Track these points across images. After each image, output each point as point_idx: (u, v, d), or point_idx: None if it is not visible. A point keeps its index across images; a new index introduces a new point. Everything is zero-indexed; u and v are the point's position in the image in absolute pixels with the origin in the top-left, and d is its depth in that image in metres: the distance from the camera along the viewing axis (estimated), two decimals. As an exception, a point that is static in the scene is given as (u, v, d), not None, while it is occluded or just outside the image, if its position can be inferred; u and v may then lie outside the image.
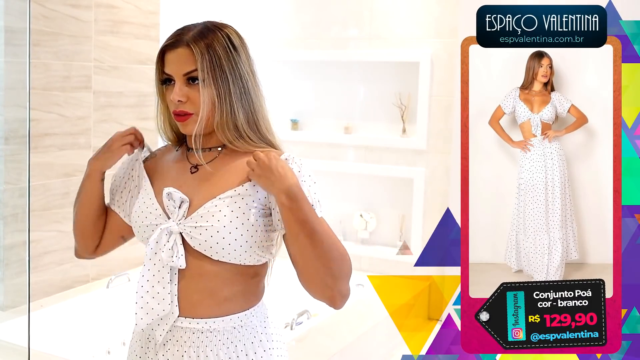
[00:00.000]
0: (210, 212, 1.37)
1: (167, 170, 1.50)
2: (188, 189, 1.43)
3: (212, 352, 1.40)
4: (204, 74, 1.38)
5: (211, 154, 1.46)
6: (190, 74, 1.39)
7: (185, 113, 1.39)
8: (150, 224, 1.43)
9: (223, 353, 1.40)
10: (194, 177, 1.45)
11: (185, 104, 1.39)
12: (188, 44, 1.39)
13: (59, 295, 3.41)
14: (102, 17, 3.58)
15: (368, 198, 4.49)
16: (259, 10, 4.64)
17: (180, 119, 1.41)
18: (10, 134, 3.06)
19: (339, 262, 1.40)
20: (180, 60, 1.39)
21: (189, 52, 1.39)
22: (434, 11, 4.16)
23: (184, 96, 1.39)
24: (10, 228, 3.12)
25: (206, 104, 1.38)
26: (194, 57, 1.38)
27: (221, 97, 1.39)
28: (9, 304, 3.16)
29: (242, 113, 1.41)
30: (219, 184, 1.42)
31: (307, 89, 4.64)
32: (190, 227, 1.37)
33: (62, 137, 3.41)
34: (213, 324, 1.40)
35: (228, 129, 1.41)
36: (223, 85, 1.39)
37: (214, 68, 1.39)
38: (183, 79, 1.39)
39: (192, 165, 1.46)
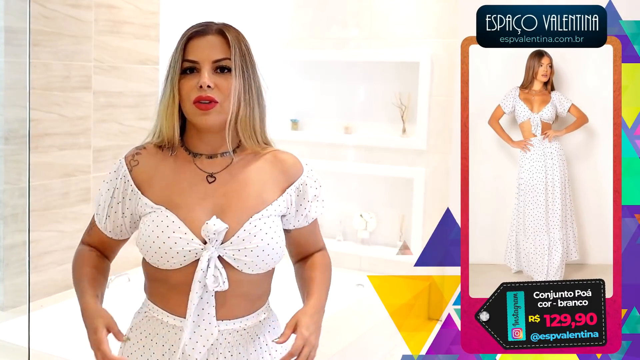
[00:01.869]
0: (251, 233, 1.36)
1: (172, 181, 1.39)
2: (214, 202, 1.38)
3: (243, 348, 1.42)
4: (237, 63, 1.36)
5: (224, 160, 1.41)
6: (221, 62, 1.35)
7: (212, 100, 1.34)
8: (181, 250, 1.34)
9: (251, 347, 1.44)
10: (216, 189, 1.39)
11: (213, 90, 1.34)
12: (220, 31, 1.37)
13: (59, 295, 3.41)
14: (102, 17, 3.58)
15: (368, 198, 4.49)
16: (259, 10, 4.64)
17: (204, 107, 1.34)
18: (10, 134, 3.06)
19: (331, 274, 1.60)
20: (212, 47, 1.36)
21: (221, 39, 1.37)
22: (434, 11, 4.16)
23: (212, 82, 1.34)
24: (10, 228, 3.12)
25: (237, 92, 1.35)
26: (226, 46, 1.36)
27: (246, 90, 1.37)
28: (9, 304, 3.16)
29: (257, 112, 1.41)
30: (248, 196, 1.39)
31: (307, 89, 4.63)
32: (233, 251, 1.36)
33: (62, 137, 3.41)
34: (247, 321, 1.43)
35: (252, 122, 1.40)
36: (248, 78, 1.38)
37: (244, 59, 1.38)
38: (212, 66, 1.35)
39: (207, 174, 1.40)
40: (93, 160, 3.60)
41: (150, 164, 1.41)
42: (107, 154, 3.68)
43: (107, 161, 3.68)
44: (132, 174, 1.41)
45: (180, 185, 1.38)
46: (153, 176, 1.40)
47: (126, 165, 1.42)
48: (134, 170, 1.41)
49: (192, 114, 1.36)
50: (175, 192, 1.38)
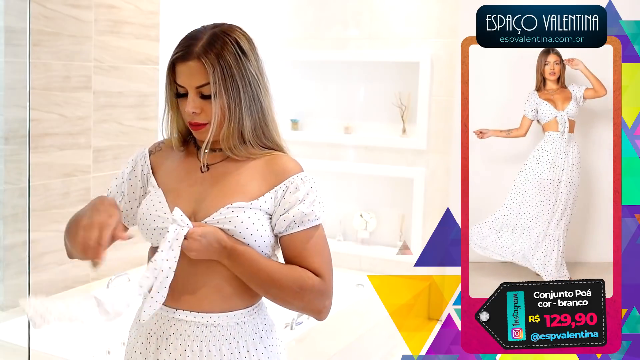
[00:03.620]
0: (227, 217, 1.40)
1: (175, 167, 1.51)
2: (199, 189, 1.45)
3: (214, 347, 1.42)
4: (216, 87, 1.40)
5: (222, 154, 1.48)
6: (202, 89, 1.41)
7: (200, 124, 1.43)
8: (158, 227, 1.43)
9: (225, 348, 1.42)
10: (205, 177, 1.47)
11: (199, 116, 1.42)
12: (199, 57, 1.40)
13: (58, 295, 3.41)
14: (102, 17, 3.58)
15: (368, 198, 4.49)
16: (259, 10, 4.64)
17: (196, 129, 1.44)
18: (10, 134, 3.06)
19: (297, 296, 1.43)
20: (192, 74, 1.40)
21: (199, 65, 1.40)
22: (434, 11, 4.16)
23: (197, 108, 1.42)
24: (10, 228, 3.12)
25: (218, 115, 1.41)
26: (205, 71, 1.39)
27: (231, 108, 1.42)
28: (9, 304, 3.16)
29: (249, 122, 1.44)
30: (231, 188, 1.44)
31: (307, 89, 4.64)
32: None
33: (62, 137, 3.41)
34: (217, 318, 1.42)
35: (232, 137, 1.44)
36: (234, 95, 1.41)
37: (225, 79, 1.40)
38: (196, 92, 1.41)
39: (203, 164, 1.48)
40: (93, 160, 3.60)
41: (166, 154, 1.55)
42: (107, 154, 3.68)
43: (107, 161, 3.68)
44: (151, 157, 1.55)
45: (179, 173, 1.50)
46: (164, 164, 1.53)
47: (148, 151, 1.57)
48: (152, 155, 1.56)
49: (191, 130, 1.48)
50: (174, 179, 1.49)
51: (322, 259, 1.45)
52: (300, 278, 1.41)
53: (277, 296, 1.42)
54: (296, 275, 1.41)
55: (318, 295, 1.43)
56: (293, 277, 1.41)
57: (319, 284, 1.42)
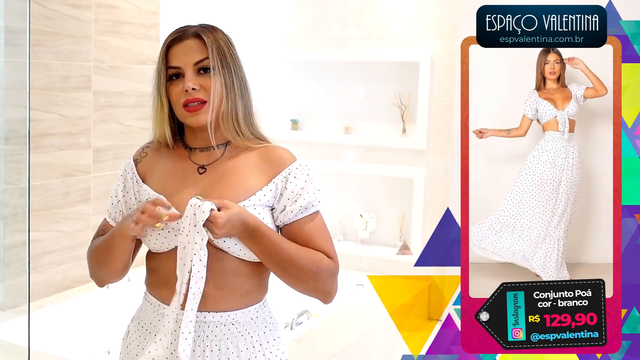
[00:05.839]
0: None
1: (169, 170, 1.51)
2: (200, 190, 1.46)
3: (232, 344, 1.44)
4: (215, 62, 1.44)
5: (215, 153, 1.50)
6: (201, 63, 1.44)
7: (199, 100, 1.44)
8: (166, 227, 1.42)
9: (242, 344, 1.45)
10: (204, 178, 1.48)
11: (198, 92, 1.44)
12: (197, 33, 1.46)
13: (59, 295, 3.41)
14: (102, 17, 3.58)
15: (368, 198, 4.49)
16: (259, 10, 4.64)
17: (193, 109, 1.44)
18: (10, 134, 3.06)
19: (314, 277, 1.46)
20: (191, 50, 1.45)
21: (198, 41, 1.45)
22: (434, 11, 4.16)
23: (196, 84, 1.44)
24: (10, 228, 3.12)
25: (217, 90, 1.44)
26: (204, 47, 1.45)
27: (228, 85, 1.46)
28: (9, 304, 3.16)
29: (241, 105, 1.49)
30: (231, 187, 1.46)
31: (307, 89, 4.63)
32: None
33: (62, 137, 3.41)
34: (235, 316, 1.45)
35: (229, 120, 1.47)
36: (229, 74, 1.46)
37: (223, 57, 1.46)
38: (194, 69, 1.44)
39: (198, 165, 1.50)
40: (93, 160, 3.60)
41: (154, 158, 1.54)
42: (107, 154, 3.68)
43: (107, 161, 3.68)
44: (137, 167, 1.55)
45: (176, 176, 1.50)
46: (154, 168, 1.53)
47: (133, 161, 1.56)
48: (138, 164, 1.55)
49: (183, 116, 1.47)
50: (171, 182, 1.49)
51: (328, 241, 1.50)
52: (317, 259, 1.45)
53: (294, 275, 1.44)
54: (313, 256, 1.45)
55: (330, 275, 1.47)
56: (311, 257, 1.44)
57: (332, 265, 1.48)
